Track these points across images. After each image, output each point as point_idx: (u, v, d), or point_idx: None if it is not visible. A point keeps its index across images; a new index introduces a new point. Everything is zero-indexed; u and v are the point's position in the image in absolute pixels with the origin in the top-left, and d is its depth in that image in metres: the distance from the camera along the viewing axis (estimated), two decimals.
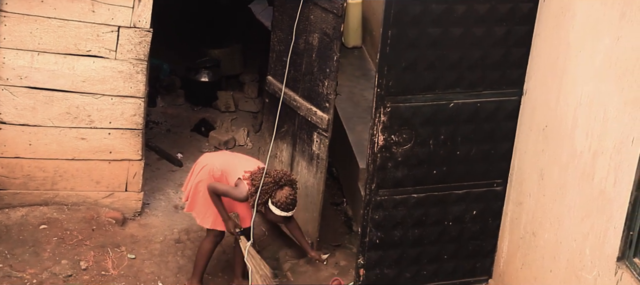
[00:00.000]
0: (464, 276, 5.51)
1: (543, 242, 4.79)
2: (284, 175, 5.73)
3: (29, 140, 6.55)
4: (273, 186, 5.64)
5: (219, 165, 5.94)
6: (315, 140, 6.31)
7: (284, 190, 5.63)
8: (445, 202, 5.26)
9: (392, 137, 5.03)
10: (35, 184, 6.70)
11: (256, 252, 6.02)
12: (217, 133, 8.29)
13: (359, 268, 5.37)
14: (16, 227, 6.58)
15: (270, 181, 5.66)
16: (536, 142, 4.86)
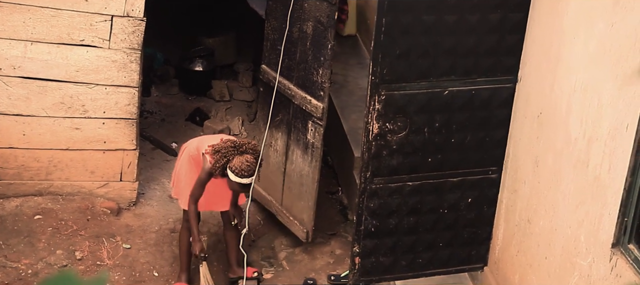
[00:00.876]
0: (460, 264, 5.52)
1: (538, 229, 4.80)
2: (248, 143, 5.68)
3: (23, 131, 6.53)
4: (232, 151, 5.58)
5: (196, 146, 5.91)
6: (310, 129, 6.30)
7: (242, 156, 5.57)
8: (440, 189, 5.26)
9: (386, 125, 5.02)
10: (30, 174, 6.69)
11: (210, 275, 5.93)
12: (211, 122, 8.28)
13: (354, 256, 5.37)
14: (11, 217, 6.57)
15: (231, 146, 5.60)
16: (531, 129, 4.86)
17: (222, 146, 5.62)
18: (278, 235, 6.86)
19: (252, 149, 5.67)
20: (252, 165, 5.58)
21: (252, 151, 5.65)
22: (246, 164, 5.55)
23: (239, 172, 5.54)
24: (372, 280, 5.60)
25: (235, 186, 5.65)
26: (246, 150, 5.63)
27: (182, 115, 8.49)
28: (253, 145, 5.72)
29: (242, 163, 5.55)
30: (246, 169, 5.54)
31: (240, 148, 5.61)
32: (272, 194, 6.84)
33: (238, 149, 5.61)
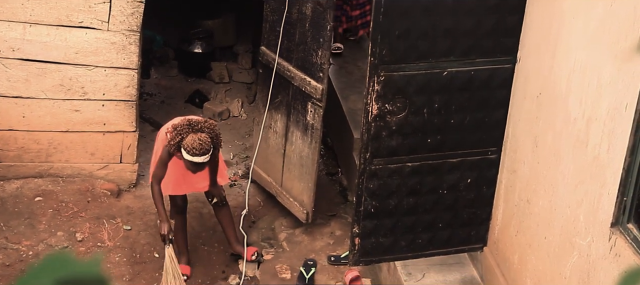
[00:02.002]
0: (459, 244, 5.53)
1: (537, 209, 4.81)
2: (204, 122, 5.64)
3: (23, 113, 6.54)
4: (188, 129, 5.55)
5: (165, 127, 5.90)
6: (310, 110, 6.30)
7: (196, 134, 5.53)
8: (439, 170, 5.27)
9: (386, 106, 5.02)
10: (30, 156, 6.70)
11: (175, 257, 5.89)
12: (211, 104, 8.28)
13: (354, 237, 5.38)
14: (11, 199, 6.58)
15: (186, 124, 5.58)
16: (530, 109, 4.86)
17: (179, 124, 5.60)
18: (278, 217, 6.88)
19: (209, 128, 5.61)
20: (204, 143, 5.50)
21: (208, 130, 5.59)
22: (198, 142, 5.48)
23: (190, 150, 5.48)
24: (371, 261, 5.61)
25: (188, 165, 5.59)
26: (201, 128, 5.57)
27: (182, 97, 8.49)
28: (210, 124, 5.66)
29: (194, 141, 5.49)
30: (198, 147, 5.47)
31: (195, 126, 5.56)
32: (272, 175, 6.85)
33: (193, 127, 5.55)
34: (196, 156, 5.50)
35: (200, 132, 5.55)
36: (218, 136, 5.70)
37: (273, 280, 6.23)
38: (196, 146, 5.48)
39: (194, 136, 5.50)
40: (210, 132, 5.60)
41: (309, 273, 6.21)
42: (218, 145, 5.72)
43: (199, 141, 5.49)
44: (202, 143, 5.50)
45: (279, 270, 6.31)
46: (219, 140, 5.73)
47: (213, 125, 5.69)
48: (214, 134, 5.63)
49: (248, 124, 8.03)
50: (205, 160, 5.56)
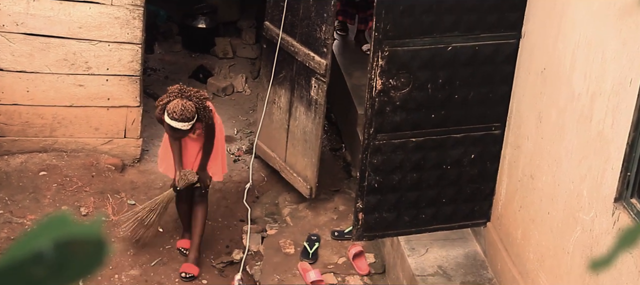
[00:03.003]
0: (463, 219, 5.54)
1: (541, 184, 4.81)
2: (196, 92, 5.57)
3: (27, 87, 6.54)
4: (176, 94, 5.50)
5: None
6: (314, 86, 6.29)
7: (183, 101, 5.46)
8: (443, 146, 5.26)
9: (390, 81, 5.01)
10: (34, 130, 6.71)
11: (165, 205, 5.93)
12: (215, 80, 8.28)
13: (357, 212, 5.39)
14: (16, 173, 6.60)
15: (177, 90, 5.53)
16: (534, 84, 4.85)
17: (172, 88, 5.57)
18: (282, 192, 6.89)
19: (198, 98, 5.53)
20: (186, 110, 5.42)
21: (196, 100, 5.51)
22: (180, 107, 5.41)
23: (170, 113, 5.43)
24: (375, 236, 5.62)
25: (168, 129, 5.54)
26: (190, 96, 5.51)
27: (186, 72, 8.48)
28: (201, 95, 5.59)
29: (177, 105, 5.42)
30: (178, 112, 5.40)
31: (185, 93, 5.51)
32: (275, 150, 6.86)
33: (183, 93, 5.50)
34: (175, 121, 5.43)
35: (188, 99, 5.48)
36: (206, 109, 5.58)
37: (277, 255, 6.25)
38: (177, 110, 5.40)
39: (179, 101, 5.44)
40: (198, 102, 5.52)
41: (312, 248, 6.22)
42: (206, 119, 5.59)
43: (182, 107, 5.41)
44: (185, 109, 5.42)
45: (282, 245, 6.32)
46: (208, 114, 5.61)
47: (204, 97, 5.60)
48: (201, 106, 5.54)
49: (252, 99, 8.02)
50: (184, 128, 5.47)
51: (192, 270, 6.06)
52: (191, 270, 6.06)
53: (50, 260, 0.72)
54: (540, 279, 4.81)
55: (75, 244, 0.71)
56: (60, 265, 0.72)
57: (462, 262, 5.66)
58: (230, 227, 6.59)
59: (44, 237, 0.72)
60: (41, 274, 0.72)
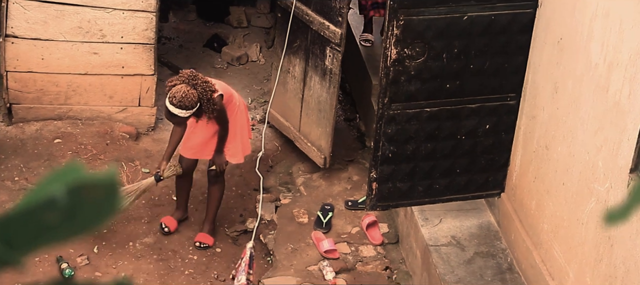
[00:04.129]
0: (477, 190, 5.52)
1: (556, 155, 4.78)
2: (205, 83, 5.40)
3: (42, 55, 6.55)
4: (184, 79, 5.39)
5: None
6: (328, 55, 6.27)
7: (186, 87, 5.33)
8: (458, 116, 5.24)
9: (405, 50, 4.98)
10: (49, 98, 6.72)
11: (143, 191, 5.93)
12: (229, 49, 8.26)
13: (371, 182, 5.38)
14: (31, 141, 6.63)
15: (187, 74, 5.42)
16: (550, 54, 4.82)
17: (184, 72, 5.47)
18: (296, 162, 6.89)
19: (204, 88, 5.36)
20: (186, 98, 5.28)
21: (201, 90, 5.35)
22: (181, 93, 5.28)
23: (170, 96, 5.34)
24: (388, 206, 5.62)
25: (165, 112, 5.46)
26: (196, 85, 5.35)
27: (200, 41, 8.46)
28: (208, 86, 5.39)
29: (179, 90, 5.30)
30: (177, 97, 5.28)
31: (192, 79, 5.37)
32: (290, 120, 6.85)
33: (190, 79, 5.37)
34: (172, 105, 5.32)
35: (193, 88, 5.35)
36: (210, 101, 5.41)
37: (290, 224, 6.26)
38: (177, 95, 5.28)
39: (183, 87, 5.32)
40: (203, 93, 5.36)
41: (326, 217, 6.23)
42: (209, 111, 5.44)
43: (183, 93, 5.28)
44: (185, 96, 5.28)
45: (296, 214, 6.33)
46: (212, 106, 5.44)
47: (211, 89, 5.41)
48: (205, 98, 5.38)
49: (266, 68, 8.01)
50: (181, 115, 5.35)
51: (207, 240, 6.09)
52: (206, 240, 6.09)
53: (64, 206, 0.72)
54: (553, 250, 4.80)
55: (88, 189, 0.71)
56: (73, 211, 0.72)
57: (476, 232, 5.66)
58: (244, 196, 6.60)
59: (57, 184, 0.72)
60: (54, 220, 0.71)
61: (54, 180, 0.73)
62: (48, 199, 0.71)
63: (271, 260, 6.04)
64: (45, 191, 0.72)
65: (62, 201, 0.71)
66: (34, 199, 0.73)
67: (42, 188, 0.73)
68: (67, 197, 0.71)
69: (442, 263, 5.42)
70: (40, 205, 0.72)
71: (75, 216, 0.72)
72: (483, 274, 5.35)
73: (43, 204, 0.72)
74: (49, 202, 0.71)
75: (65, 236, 0.74)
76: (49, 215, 0.72)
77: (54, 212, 0.72)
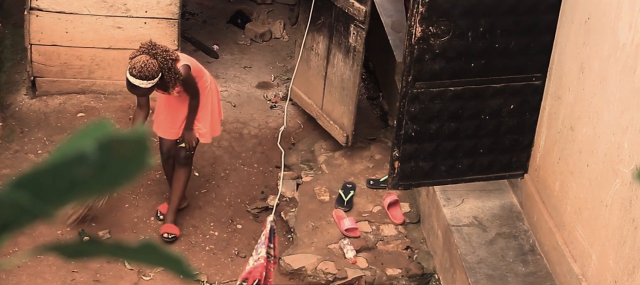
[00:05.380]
0: (500, 170, 5.49)
1: (581, 136, 4.74)
2: (165, 52, 5.26)
3: (66, 28, 6.56)
4: (145, 49, 5.27)
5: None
6: (352, 33, 6.24)
7: (146, 57, 5.20)
8: (482, 95, 5.20)
9: (430, 28, 4.95)
10: (73, 72, 6.74)
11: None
12: (253, 25, 8.24)
13: (393, 161, 5.36)
14: (54, 114, 6.66)
15: (147, 44, 5.30)
16: (577, 34, 4.76)
17: (142, 44, 5.34)
18: (318, 139, 6.88)
19: (164, 57, 5.23)
20: (146, 68, 5.16)
21: (162, 59, 5.22)
22: (141, 63, 5.16)
23: (130, 67, 5.21)
24: (410, 185, 5.60)
25: (127, 84, 5.31)
26: (156, 54, 5.23)
27: (224, 17, 8.45)
28: (168, 55, 5.27)
29: (138, 61, 5.18)
30: (137, 68, 5.16)
31: (152, 49, 5.25)
32: (312, 97, 6.83)
33: (150, 49, 5.25)
34: (132, 76, 5.19)
35: (153, 57, 5.21)
36: (172, 71, 5.28)
37: (311, 202, 6.25)
38: (136, 66, 5.16)
39: (142, 57, 5.19)
40: (163, 62, 5.23)
41: (347, 196, 6.22)
42: (172, 81, 5.29)
43: (143, 63, 5.16)
44: (144, 66, 5.16)
45: (317, 192, 6.33)
46: (174, 75, 5.30)
47: (171, 58, 5.29)
48: (166, 66, 5.24)
49: (290, 45, 7.99)
50: (141, 86, 5.20)
51: (173, 230, 5.88)
52: (172, 230, 5.87)
53: (94, 162, 0.71)
54: (576, 232, 4.77)
55: (118, 145, 0.70)
56: (103, 167, 0.71)
57: (498, 213, 5.63)
58: (265, 173, 6.60)
59: (87, 139, 0.71)
60: (84, 175, 0.71)
61: (84, 135, 0.73)
62: (78, 154, 0.70)
63: (292, 238, 6.05)
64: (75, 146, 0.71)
65: (92, 156, 0.70)
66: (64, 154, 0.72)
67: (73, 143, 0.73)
68: (97, 153, 0.71)
69: (464, 243, 5.40)
70: (70, 160, 0.71)
71: (105, 172, 0.71)
72: (505, 255, 5.32)
73: (73, 159, 0.71)
74: (79, 157, 0.70)
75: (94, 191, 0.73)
76: (78, 170, 0.71)
77: (84, 167, 0.71)
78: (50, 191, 0.69)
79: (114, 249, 0.75)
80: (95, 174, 0.70)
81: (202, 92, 5.61)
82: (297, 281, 5.72)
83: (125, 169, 0.71)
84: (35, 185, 0.69)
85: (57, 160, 0.70)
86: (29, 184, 0.68)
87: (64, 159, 0.70)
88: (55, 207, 0.69)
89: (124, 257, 0.76)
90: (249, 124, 6.92)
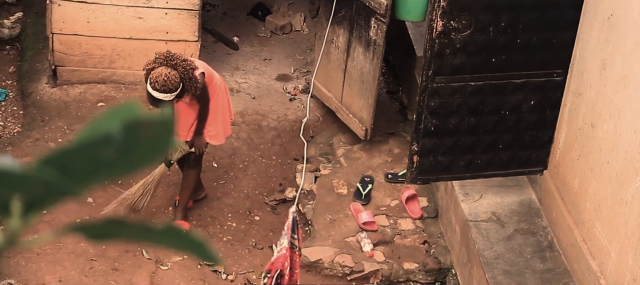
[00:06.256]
0: (519, 166, 5.47)
1: (601, 133, 4.72)
2: (183, 61, 5.20)
3: (87, 18, 6.59)
4: (162, 61, 5.20)
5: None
6: (373, 26, 6.23)
7: (166, 69, 5.13)
8: (503, 91, 5.19)
9: (451, 23, 4.93)
10: (93, 61, 6.77)
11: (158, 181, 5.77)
12: (273, 17, 8.24)
13: (412, 155, 5.36)
14: (74, 103, 6.69)
15: (164, 55, 5.23)
16: (600, 31, 4.74)
17: (160, 53, 5.28)
18: (336, 132, 6.87)
19: (184, 68, 5.17)
20: (169, 81, 5.10)
21: (181, 69, 5.16)
22: (163, 76, 5.09)
23: (152, 82, 5.13)
24: (429, 180, 5.59)
25: (148, 98, 5.23)
26: (176, 65, 5.16)
27: (244, 9, 8.45)
28: (187, 64, 5.20)
29: (160, 74, 5.10)
30: (160, 82, 5.08)
31: (170, 60, 5.18)
32: (332, 90, 6.83)
33: (168, 60, 5.18)
34: (155, 91, 5.12)
35: (173, 68, 5.14)
36: (192, 80, 5.23)
37: (329, 195, 6.26)
38: (159, 80, 5.09)
39: (163, 70, 5.13)
40: (184, 73, 5.17)
41: (365, 189, 6.22)
42: (192, 90, 5.27)
43: (165, 76, 5.09)
44: (167, 79, 5.10)
45: (335, 185, 6.33)
46: (194, 85, 5.26)
47: (191, 67, 5.24)
48: (187, 77, 5.20)
49: (310, 38, 7.99)
50: (165, 99, 5.14)
51: (184, 226, 5.83)
52: (183, 226, 5.84)
53: (119, 143, 0.71)
54: (595, 229, 4.75)
55: (144, 126, 0.70)
56: (128, 147, 0.71)
57: (516, 209, 5.61)
58: (283, 166, 6.61)
59: (113, 120, 0.72)
60: (110, 155, 0.71)
61: (110, 117, 0.73)
62: (104, 135, 0.71)
63: (309, 230, 6.05)
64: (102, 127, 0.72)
65: (118, 137, 0.71)
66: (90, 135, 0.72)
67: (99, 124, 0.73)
68: (123, 134, 0.71)
69: (482, 239, 5.38)
70: (97, 141, 0.71)
71: (130, 152, 0.72)
72: (522, 251, 5.30)
73: (99, 140, 0.71)
74: (105, 138, 0.71)
75: (120, 172, 0.73)
76: (105, 150, 0.71)
77: (109, 148, 0.71)
78: (77, 170, 0.69)
79: (139, 230, 0.75)
80: (121, 155, 0.71)
81: (212, 96, 5.59)
82: (314, 273, 5.73)
83: (150, 150, 0.71)
84: (62, 164, 0.69)
85: (84, 140, 0.70)
86: (57, 162, 0.69)
87: (91, 140, 0.71)
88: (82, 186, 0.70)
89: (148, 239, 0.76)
90: (268, 116, 6.93)
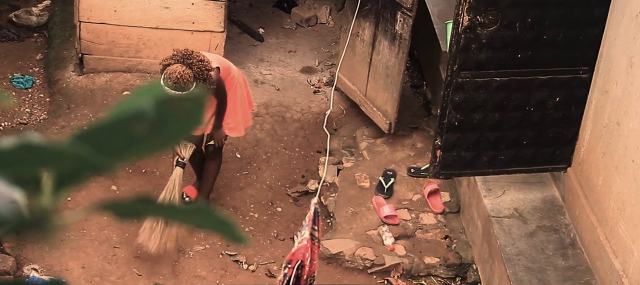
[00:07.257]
0: (543, 163, 5.45)
1: (627, 131, 4.69)
2: (200, 60, 5.20)
3: (114, 7, 6.62)
4: (179, 58, 5.21)
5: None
6: (399, 20, 6.22)
7: (181, 66, 5.16)
8: (528, 87, 5.17)
9: (477, 18, 4.92)
10: (120, 50, 6.81)
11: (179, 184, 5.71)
12: (299, 10, 8.25)
13: (435, 149, 5.35)
14: (100, 92, 6.73)
15: (181, 53, 5.24)
16: (628, 28, 4.71)
17: (178, 50, 5.30)
18: (360, 126, 6.87)
19: (200, 68, 5.18)
20: (182, 78, 5.11)
21: (197, 69, 5.17)
22: (177, 74, 5.11)
23: (166, 78, 5.14)
24: (452, 175, 5.59)
25: None
26: (192, 64, 5.17)
27: (270, 1, 8.46)
28: (204, 64, 5.20)
29: (174, 71, 5.12)
30: (173, 78, 5.09)
31: (187, 58, 5.19)
32: (356, 83, 6.83)
33: (185, 58, 5.19)
34: (167, 86, 5.07)
35: (188, 67, 5.16)
36: (207, 80, 5.23)
37: (352, 188, 6.26)
38: (173, 77, 5.11)
39: (178, 67, 5.15)
40: (199, 72, 5.18)
41: (387, 183, 6.21)
42: (209, 87, 5.27)
43: (179, 74, 5.11)
44: (181, 77, 5.11)
45: (358, 178, 6.33)
46: (210, 82, 5.26)
47: (207, 68, 5.23)
48: (201, 77, 5.20)
49: (335, 31, 7.99)
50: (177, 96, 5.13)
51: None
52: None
53: (151, 119, 0.72)
54: (619, 228, 4.72)
55: (175, 102, 0.71)
56: (160, 124, 0.72)
57: (539, 206, 5.59)
58: (306, 158, 6.62)
59: (145, 97, 0.73)
60: (142, 131, 0.72)
61: (142, 93, 0.74)
62: (136, 111, 0.72)
63: (331, 223, 6.06)
64: (133, 104, 0.73)
65: (150, 113, 0.72)
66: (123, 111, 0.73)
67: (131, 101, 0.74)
68: (155, 110, 0.72)
69: (503, 235, 5.37)
70: (129, 117, 0.72)
71: (162, 128, 0.73)
72: (544, 247, 5.29)
73: (131, 116, 0.72)
74: (138, 114, 0.72)
75: (152, 148, 0.74)
76: (137, 126, 0.72)
77: (142, 124, 0.72)
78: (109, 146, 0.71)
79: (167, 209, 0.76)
80: (153, 131, 0.72)
81: (229, 89, 5.60)
82: (335, 266, 5.74)
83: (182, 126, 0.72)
84: (95, 140, 0.70)
85: (117, 116, 0.72)
86: (90, 138, 0.70)
87: (123, 116, 0.72)
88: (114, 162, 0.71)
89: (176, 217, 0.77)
90: (292, 108, 6.94)
